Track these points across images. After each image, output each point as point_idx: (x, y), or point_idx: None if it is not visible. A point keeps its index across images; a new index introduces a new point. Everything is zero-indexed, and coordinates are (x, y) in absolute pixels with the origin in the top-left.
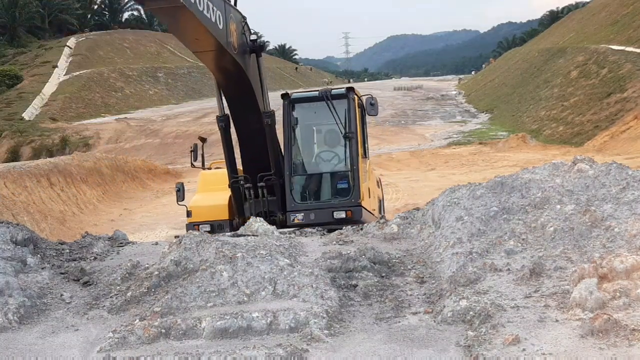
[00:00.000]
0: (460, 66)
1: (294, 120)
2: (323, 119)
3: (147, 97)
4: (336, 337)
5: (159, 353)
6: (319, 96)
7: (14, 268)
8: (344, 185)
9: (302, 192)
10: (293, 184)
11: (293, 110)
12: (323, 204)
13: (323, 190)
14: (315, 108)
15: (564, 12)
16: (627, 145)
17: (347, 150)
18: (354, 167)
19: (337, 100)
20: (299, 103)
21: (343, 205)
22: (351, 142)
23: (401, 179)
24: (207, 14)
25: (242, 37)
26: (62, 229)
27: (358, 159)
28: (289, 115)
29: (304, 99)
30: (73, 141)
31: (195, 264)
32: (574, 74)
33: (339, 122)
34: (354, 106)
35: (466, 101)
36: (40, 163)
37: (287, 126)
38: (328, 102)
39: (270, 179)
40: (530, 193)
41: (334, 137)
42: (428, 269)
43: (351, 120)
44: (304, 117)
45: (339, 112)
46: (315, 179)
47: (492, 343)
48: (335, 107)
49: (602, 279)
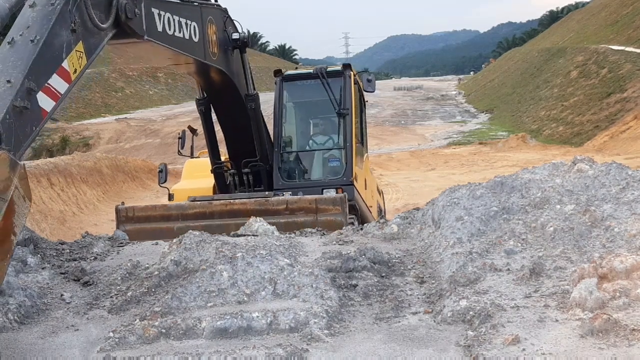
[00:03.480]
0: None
1: (286, 98)
2: (317, 97)
3: (147, 97)
4: (336, 337)
5: (159, 353)
6: (313, 74)
7: (14, 268)
8: (336, 163)
9: (290, 170)
10: (281, 162)
11: (286, 88)
12: (312, 183)
13: (314, 168)
14: (309, 86)
15: (564, 12)
16: (627, 145)
17: (340, 128)
18: (347, 144)
19: (332, 78)
20: (293, 81)
21: (333, 183)
22: (345, 119)
23: (401, 179)
24: (180, 33)
25: (224, 34)
26: (62, 229)
27: (352, 138)
28: (280, 92)
29: (298, 76)
30: (73, 141)
31: (195, 264)
32: (574, 74)
33: (333, 100)
34: (350, 84)
35: (466, 101)
36: (40, 163)
37: (279, 104)
38: (323, 80)
39: (255, 165)
40: (530, 193)
41: (327, 116)
42: (428, 269)
43: (346, 98)
44: (297, 95)
45: (334, 91)
46: (306, 157)
47: (492, 343)
48: (331, 85)
49: (602, 279)
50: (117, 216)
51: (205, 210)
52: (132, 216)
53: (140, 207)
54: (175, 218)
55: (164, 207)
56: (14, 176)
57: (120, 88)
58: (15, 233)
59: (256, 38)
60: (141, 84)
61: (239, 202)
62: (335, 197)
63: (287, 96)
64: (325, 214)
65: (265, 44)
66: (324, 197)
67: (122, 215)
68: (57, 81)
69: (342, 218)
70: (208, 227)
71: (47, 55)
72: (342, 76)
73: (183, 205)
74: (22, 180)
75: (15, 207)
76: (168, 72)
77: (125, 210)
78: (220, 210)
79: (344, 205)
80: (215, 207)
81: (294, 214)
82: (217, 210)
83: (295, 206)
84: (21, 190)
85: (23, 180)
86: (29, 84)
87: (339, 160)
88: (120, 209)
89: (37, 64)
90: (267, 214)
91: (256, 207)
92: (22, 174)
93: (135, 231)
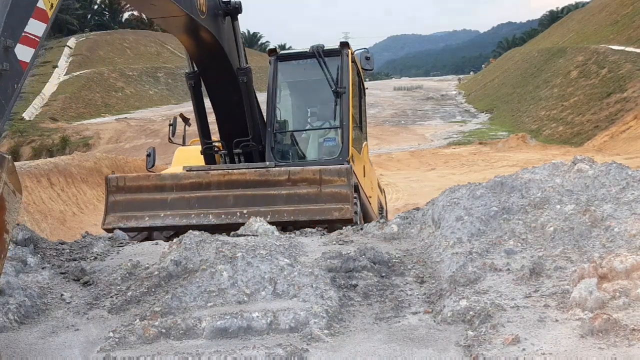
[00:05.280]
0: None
1: (281, 78)
2: (313, 76)
3: (147, 97)
4: (336, 337)
5: (159, 353)
6: (309, 53)
7: (14, 268)
8: (332, 143)
9: (284, 150)
10: (274, 142)
11: (281, 68)
12: (307, 163)
13: (308, 148)
14: (305, 65)
15: (564, 12)
16: (627, 145)
17: (337, 107)
18: (343, 123)
19: (329, 57)
20: (288, 60)
21: (329, 164)
22: (342, 98)
23: (401, 179)
24: None
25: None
26: (62, 229)
27: (349, 117)
28: (275, 72)
29: (293, 55)
30: (73, 141)
31: (195, 264)
32: (574, 74)
33: (330, 78)
34: (348, 63)
35: (466, 101)
36: (40, 163)
37: (273, 83)
38: (319, 59)
39: (247, 146)
40: (530, 193)
41: (323, 96)
42: (428, 269)
43: (344, 77)
44: (292, 74)
45: (331, 70)
46: (300, 137)
47: (492, 343)
48: (328, 64)
49: (602, 279)
50: (107, 186)
51: (202, 181)
52: (123, 186)
53: (132, 177)
54: (170, 188)
55: (158, 177)
56: (3, 172)
57: (120, 88)
58: (7, 230)
59: (256, 38)
60: (141, 84)
61: (238, 172)
62: (340, 168)
63: (282, 76)
64: (329, 186)
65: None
66: (329, 168)
67: (113, 184)
68: (35, 25)
69: (347, 190)
70: (204, 199)
71: (21, 1)
72: (339, 55)
73: (178, 175)
74: (11, 175)
75: (6, 203)
76: (168, 72)
77: (116, 179)
78: (217, 181)
79: (349, 177)
80: (213, 178)
81: (296, 185)
82: (215, 181)
83: (298, 177)
84: (11, 185)
85: (12, 175)
86: (5, 41)
87: (335, 139)
88: (111, 178)
89: (12, 15)
90: (267, 185)
91: (256, 178)
92: (11, 168)
93: (126, 202)
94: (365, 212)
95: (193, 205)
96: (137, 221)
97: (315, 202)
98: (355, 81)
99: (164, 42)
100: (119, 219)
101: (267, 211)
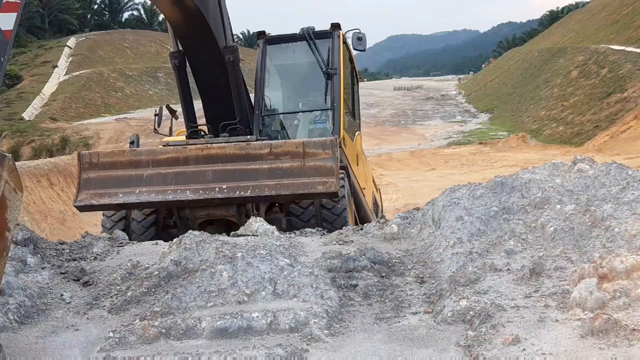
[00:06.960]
0: (460, 66)
1: (270, 61)
2: (303, 59)
3: (147, 97)
4: (336, 337)
5: (159, 353)
6: (299, 35)
7: (14, 268)
8: (322, 125)
9: (272, 134)
10: (262, 126)
11: (270, 51)
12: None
13: (298, 131)
14: (294, 47)
15: (564, 12)
16: (627, 145)
17: (328, 89)
18: (334, 104)
19: (320, 40)
20: (277, 43)
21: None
22: (333, 79)
23: (401, 179)
24: None
25: None
26: (62, 229)
27: (340, 99)
28: (263, 55)
29: (282, 38)
30: (73, 141)
31: (195, 264)
32: (574, 74)
33: (320, 60)
34: (339, 44)
35: (466, 101)
36: (40, 163)
37: (261, 67)
38: (310, 41)
39: (235, 129)
40: (530, 193)
41: (314, 79)
42: (428, 269)
43: (335, 59)
44: (281, 57)
45: (322, 53)
46: (289, 120)
47: (492, 343)
48: (318, 46)
49: (602, 279)
50: (80, 162)
51: (179, 155)
52: (97, 162)
53: (106, 152)
54: (146, 164)
55: (133, 152)
56: (3, 170)
57: (120, 88)
58: (9, 229)
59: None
60: (141, 83)
61: (217, 146)
62: (325, 140)
63: (271, 59)
64: (313, 159)
65: None
66: (313, 141)
67: (86, 161)
68: None
69: (332, 163)
70: (181, 174)
71: None
72: (330, 37)
73: (154, 150)
74: (12, 173)
75: (7, 202)
76: (168, 72)
77: (89, 155)
78: (195, 156)
79: (334, 149)
80: (190, 152)
81: (279, 159)
82: (193, 155)
83: (280, 150)
84: (11, 183)
85: (13, 173)
86: None
87: (325, 122)
88: (84, 154)
89: None
90: (248, 159)
91: (236, 152)
92: (11, 166)
93: (100, 179)
94: (357, 203)
95: (170, 181)
96: (110, 198)
97: (298, 176)
98: (348, 64)
99: (163, 42)
100: (91, 196)
101: (247, 186)
